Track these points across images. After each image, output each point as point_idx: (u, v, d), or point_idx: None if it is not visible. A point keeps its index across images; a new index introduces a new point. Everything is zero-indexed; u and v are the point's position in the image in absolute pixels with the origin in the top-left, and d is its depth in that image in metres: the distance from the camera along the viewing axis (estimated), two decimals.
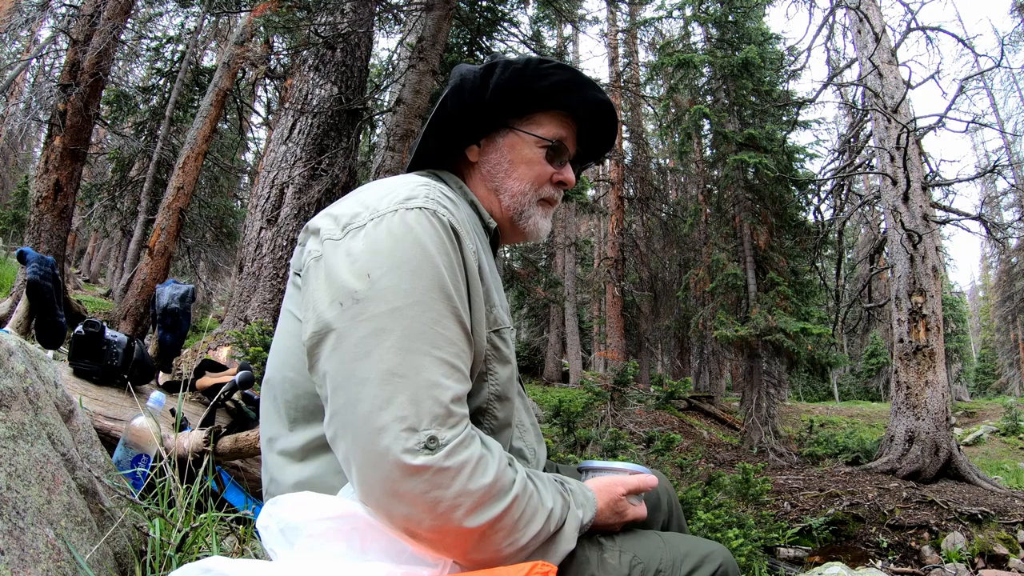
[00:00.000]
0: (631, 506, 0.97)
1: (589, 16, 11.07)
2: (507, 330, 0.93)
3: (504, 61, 0.98)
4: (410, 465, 0.69)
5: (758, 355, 10.33)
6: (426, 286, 0.77)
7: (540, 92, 1.00)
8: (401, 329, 0.74)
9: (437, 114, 1.00)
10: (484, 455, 0.74)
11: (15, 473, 0.87)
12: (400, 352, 0.73)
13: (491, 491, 0.72)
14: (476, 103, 0.98)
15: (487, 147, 1.04)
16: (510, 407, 0.93)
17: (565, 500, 0.85)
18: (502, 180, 1.03)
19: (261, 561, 0.76)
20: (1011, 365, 28.83)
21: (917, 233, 7.19)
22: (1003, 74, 21.45)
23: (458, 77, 0.99)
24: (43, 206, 6.07)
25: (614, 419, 4.54)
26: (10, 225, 18.24)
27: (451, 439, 0.71)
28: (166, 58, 12.96)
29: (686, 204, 16.60)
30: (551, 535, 0.80)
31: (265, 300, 5.14)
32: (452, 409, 0.73)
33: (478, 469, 0.72)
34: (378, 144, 7.94)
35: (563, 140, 1.04)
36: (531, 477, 0.82)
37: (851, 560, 4.38)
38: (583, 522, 0.86)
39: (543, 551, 0.79)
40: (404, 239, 0.78)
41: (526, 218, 1.04)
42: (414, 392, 0.71)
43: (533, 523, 0.77)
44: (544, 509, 0.79)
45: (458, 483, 0.70)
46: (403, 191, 0.85)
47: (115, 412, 2.03)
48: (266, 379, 0.93)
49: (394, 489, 0.70)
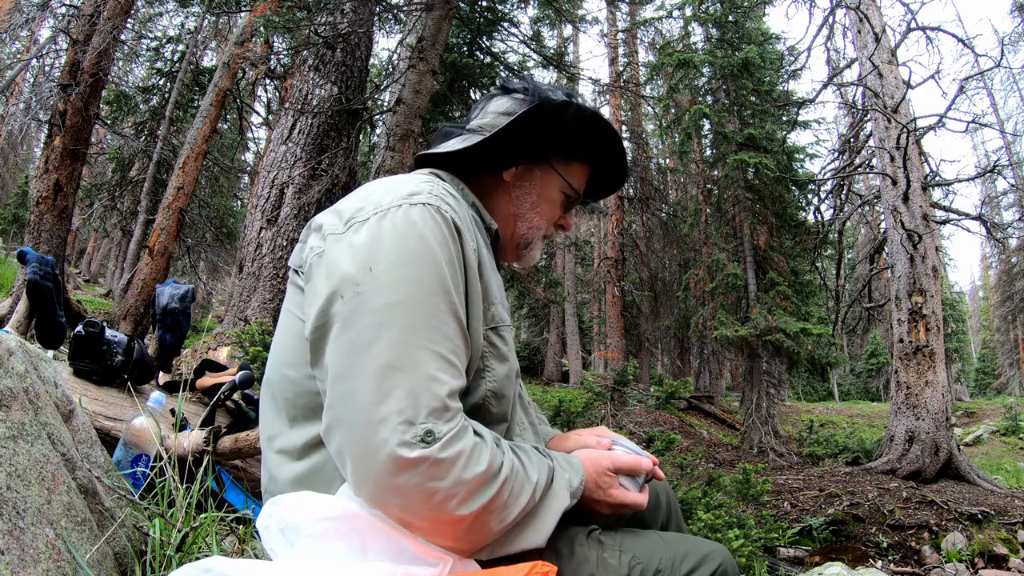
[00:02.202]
0: (619, 486, 0.95)
1: (589, 16, 11.05)
2: (506, 328, 0.94)
3: (577, 105, 1.01)
4: (407, 458, 0.69)
5: (758, 355, 10.33)
6: (427, 281, 0.77)
7: (590, 146, 1.06)
8: (401, 323, 0.75)
9: (513, 126, 0.99)
10: (478, 443, 0.75)
11: (15, 473, 0.87)
12: (400, 346, 0.74)
13: (484, 479, 0.73)
14: (543, 129, 1.01)
15: (523, 173, 1.06)
16: (507, 405, 0.93)
17: (549, 466, 0.86)
18: (527, 210, 1.06)
19: (261, 561, 0.76)
20: (1011, 365, 28.83)
21: (917, 233, 7.19)
22: (1003, 74, 21.47)
23: (538, 99, 1.00)
24: (43, 206, 6.07)
25: (614, 419, 4.54)
26: (10, 225, 18.24)
27: (447, 432, 0.72)
28: (166, 58, 12.96)
29: (686, 204, 16.60)
30: (538, 502, 0.82)
31: (265, 300, 5.14)
32: (448, 403, 0.74)
33: (472, 458, 0.73)
34: (378, 144, 7.94)
35: (580, 191, 1.10)
36: (517, 452, 0.83)
37: (851, 560, 4.38)
38: (572, 484, 0.88)
39: (533, 515, 0.81)
40: (407, 233, 0.79)
41: (530, 249, 1.10)
42: (412, 386, 0.72)
43: (521, 498, 0.78)
44: (530, 483, 0.80)
45: (454, 473, 0.71)
46: (407, 187, 0.86)
47: (115, 412, 2.03)
48: (266, 378, 0.93)
49: (390, 481, 0.70)
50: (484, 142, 1.01)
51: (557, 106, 0.99)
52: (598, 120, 1.03)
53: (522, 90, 1.05)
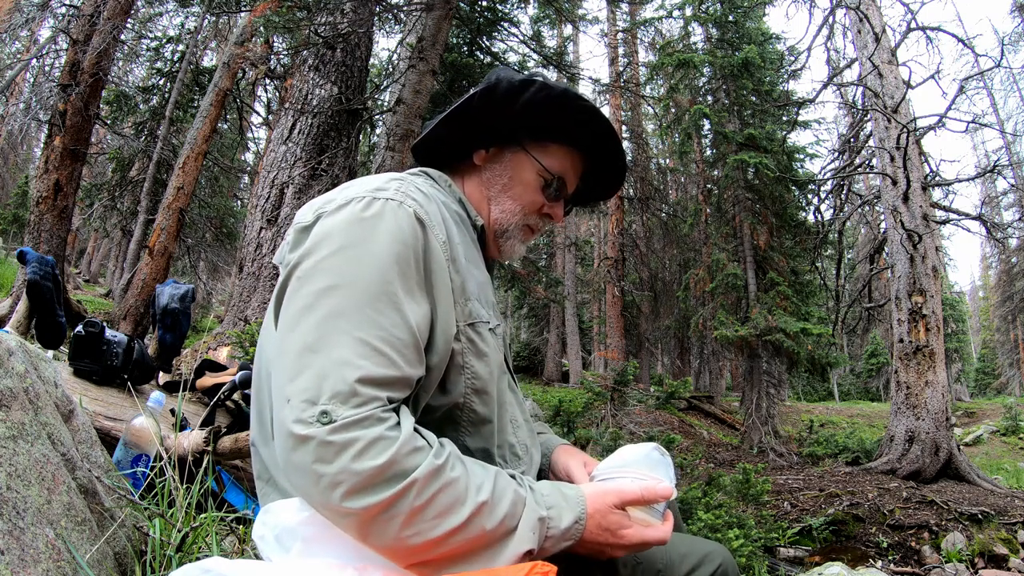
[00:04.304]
0: (631, 523, 0.82)
1: (589, 16, 11.05)
2: (483, 324, 0.91)
3: (542, 82, 0.98)
4: (297, 434, 0.68)
5: (758, 355, 10.34)
6: (366, 269, 0.77)
7: (563, 125, 1.01)
8: (328, 307, 0.75)
9: (461, 106, 1.00)
10: (382, 437, 0.69)
11: (15, 473, 0.87)
12: (320, 328, 0.74)
13: (381, 474, 0.68)
14: (502, 110, 0.99)
15: (494, 156, 1.05)
16: (492, 403, 0.91)
17: (518, 495, 0.77)
18: (498, 193, 1.04)
19: (261, 561, 0.76)
20: (1011, 365, 28.83)
21: (917, 233, 7.19)
22: (1003, 74, 21.47)
23: (495, 79, 0.99)
24: (43, 206, 6.07)
25: (614, 419, 4.54)
26: (10, 225, 18.24)
27: (345, 416, 0.69)
28: (166, 58, 12.97)
29: (686, 204, 16.60)
30: (492, 532, 0.73)
31: (265, 300, 5.14)
32: (357, 388, 0.71)
33: (369, 450, 0.68)
34: (378, 144, 7.95)
35: (564, 176, 1.05)
36: (464, 465, 0.76)
37: (851, 560, 4.38)
38: (557, 525, 0.78)
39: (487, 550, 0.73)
40: (358, 224, 0.80)
41: (507, 238, 1.05)
42: (322, 367, 0.71)
43: (451, 516, 0.70)
44: (471, 503, 0.72)
45: (341, 460, 0.67)
46: (376, 183, 0.87)
47: (115, 412, 2.03)
48: (254, 374, 0.93)
49: (288, 457, 0.70)
50: (439, 123, 1.02)
51: (515, 85, 0.97)
52: (565, 97, 0.97)
53: (490, 75, 1.03)
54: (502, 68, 1.05)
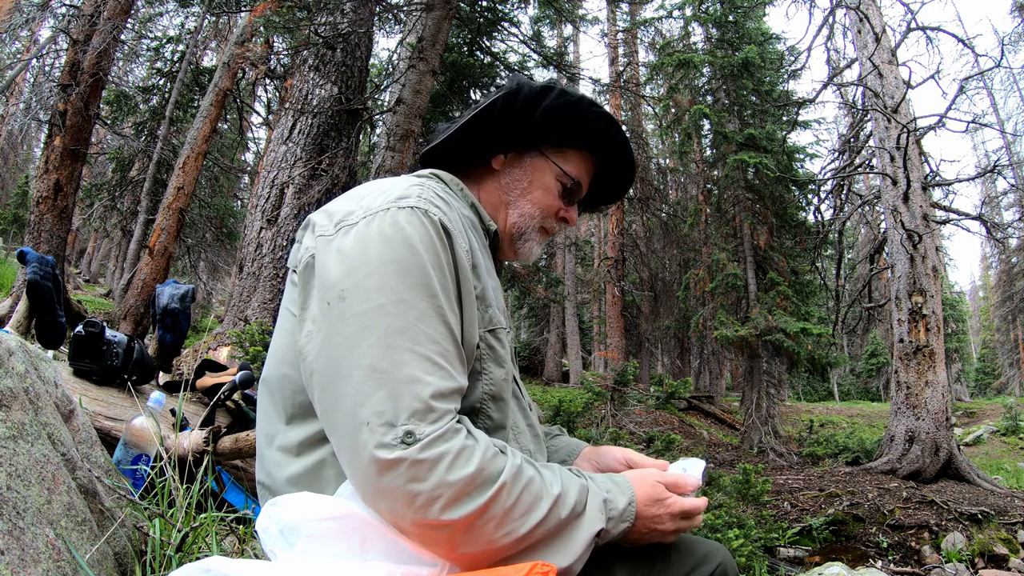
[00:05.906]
0: (671, 494, 0.91)
1: (589, 16, 11.03)
2: (503, 331, 0.92)
3: (561, 89, 1.00)
4: (385, 459, 0.69)
5: (758, 355, 10.33)
6: (411, 284, 0.77)
7: (582, 131, 1.05)
8: (384, 326, 0.74)
9: (482, 112, 1.00)
10: (467, 446, 0.72)
11: (15, 473, 0.87)
12: (381, 348, 0.73)
13: (474, 481, 0.71)
14: (523, 115, 1.00)
15: (513, 161, 1.06)
16: (507, 408, 0.92)
17: (582, 484, 0.82)
18: (517, 197, 1.05)
19: (261, 561, 0.76)
20: (1011, 365, 28.84)
21: (917, 233, 7.19)
22: (1003, 74, 21.47)
23: (515, 84, 1.00)
24: (43, 206, 6.07)
25: (614, 419, 4.54)
26: (10, 225, 18.25)
27: (429, 433, 0.70)
28: (166, 58, 12.97)
29: (686, 204, 16.59)
30: (567, 520, 0.77)
31: (265, 300, 5.14)
32: (432, 404, 0.72)
33: (459, 460, 0.71)
34: (378, 144, 7.95)
35: (581, 181, 1.08)
36: (533, 464, 0.79)
37: (851, 560, 4.38)
38: (616, 506, 0.83)
39: (561, 537, 0.77)
40: (393, 238, 0.79)
41: (524, 240, 1.07)
42: (394, 387, 0.72)
43: (535, 511, 0.74)
44: (548, 496, 0.76)
45: (436, 475, 0.69)
46: (396, 190, 0.86)
47: (115, 412, 2.03)
48: (264, 377, 0.93)
49: (375, 484, 0.70)
50: (459, 129, 1.02)
51: (536, 91, 0.99)
52: (583, 104, 1.01)
53: (509, 81, 1.04)
54: (521, 75, 1.07)
